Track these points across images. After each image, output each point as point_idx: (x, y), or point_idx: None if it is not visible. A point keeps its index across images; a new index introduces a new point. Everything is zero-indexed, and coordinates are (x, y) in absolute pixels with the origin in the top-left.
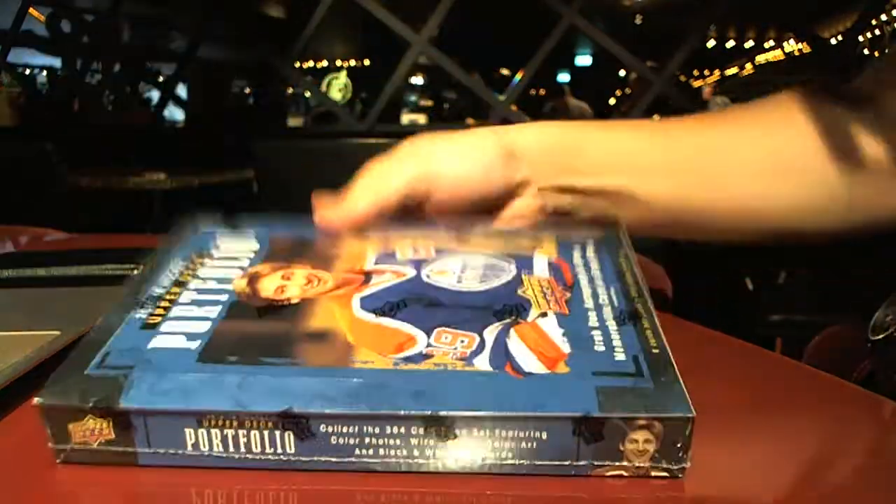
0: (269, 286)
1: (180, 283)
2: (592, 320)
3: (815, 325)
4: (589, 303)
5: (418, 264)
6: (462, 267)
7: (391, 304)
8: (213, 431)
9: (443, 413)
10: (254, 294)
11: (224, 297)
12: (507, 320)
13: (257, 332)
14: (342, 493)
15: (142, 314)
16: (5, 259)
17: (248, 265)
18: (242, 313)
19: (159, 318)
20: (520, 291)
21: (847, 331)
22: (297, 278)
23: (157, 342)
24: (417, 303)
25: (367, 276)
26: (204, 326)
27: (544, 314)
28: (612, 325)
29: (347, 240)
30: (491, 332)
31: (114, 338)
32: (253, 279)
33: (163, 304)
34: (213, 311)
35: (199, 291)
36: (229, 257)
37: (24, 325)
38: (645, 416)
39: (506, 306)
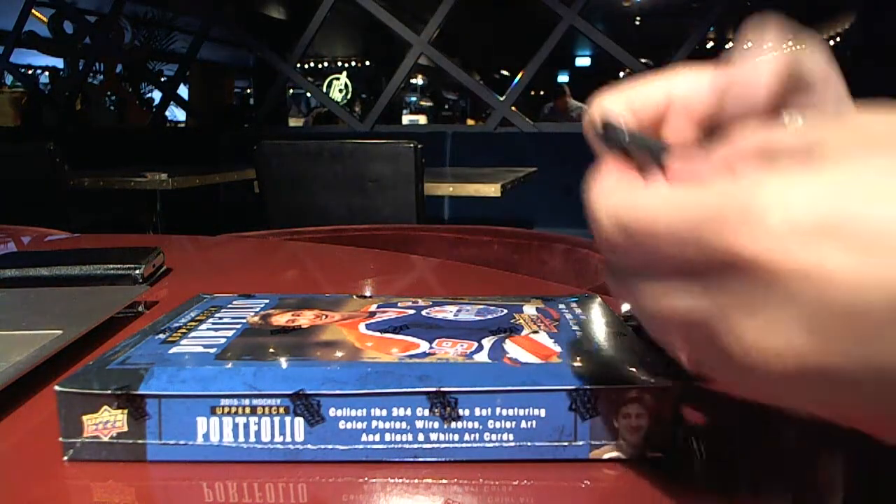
0: (281, 319)
1: (197, 321)
2: (581, 336)
3: None
4: (576, 327)
5: (418, 308)
6: (458, 309)
7: (395, 327)
8: (225, 420)
9: (446, 389)
10: (266, 325)
11: (238, 326)
12: (503, 334)
13: (271, 341)
14: (349, 485)
15: (161, 336)
16: (8, 258)
17: (260, 310)
18: (256, 333)
19: (178, 337)
20: (512, 321)
21: None
22: (306, 315)
23: (177, 350)
24: (419, 327)
25: (372, 314)
26: (220, 341)
27: (536, 332)
28: (599, 339)
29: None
30: (488, 340)
31: (134, 348)
32: (265, 316)
33: (181, 331)
34: (229, 333)
35: (215, 323)
36: (242, 307)
37: (27, 324)
38: (635, 386)
39: (500, 327)
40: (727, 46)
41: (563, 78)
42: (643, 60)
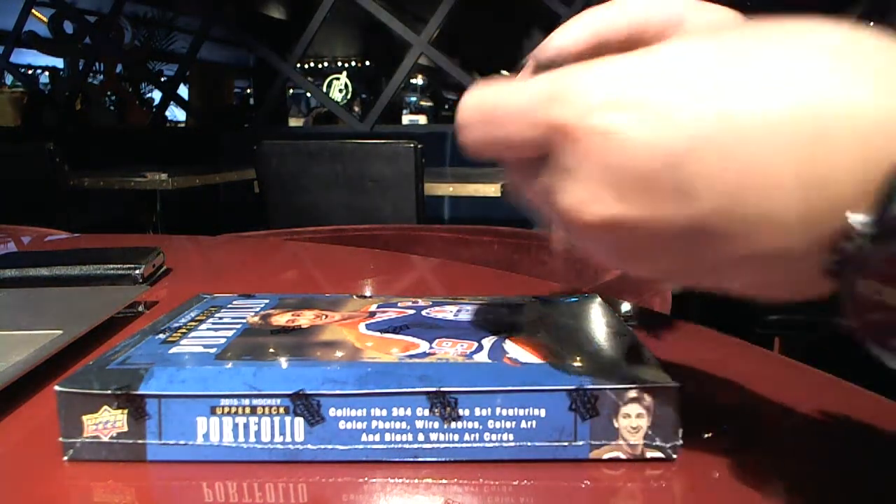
0: (281, 319)
1: (197, 321)
2: (581, 336)
3: (815, 325)
4: (576, 328)
5: (418, 308)
6: (458, 309)
7: (395, 327)
8: (225, 420)
9: (446, 389)
10: (266, 325)
11: (238, 326)
12: (503, 334)
13: (271, 341)
14: (349, 485)
15: (161, 336)
16: (8, 258)
17: (260, 310)
18: (256, 333)
19: (178, 337)
20: (512, 321)
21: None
22: (306, 315)
23: (177, 350)
24: (419, 327)
25: (372, 314)
26: (220, 341)
27: (537, 331)
28: (599, 339)
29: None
30: (488, 340)
31: (134, 348)
32: (265, 316)
33: (181, 331)
34: (229, 333)
35: (215, 323)
36: (242, 307)
37: (27, 324)
38: (635, 386)
39: (500, 326)
40: None
41: None
42: None
